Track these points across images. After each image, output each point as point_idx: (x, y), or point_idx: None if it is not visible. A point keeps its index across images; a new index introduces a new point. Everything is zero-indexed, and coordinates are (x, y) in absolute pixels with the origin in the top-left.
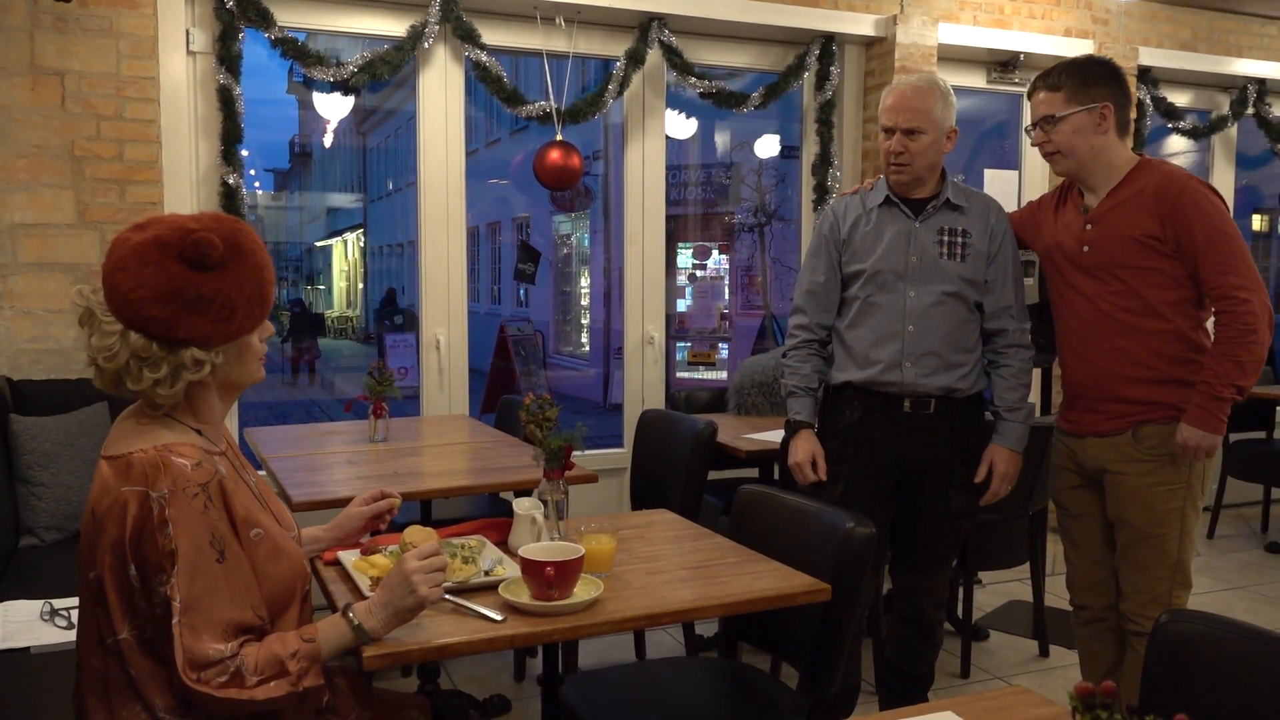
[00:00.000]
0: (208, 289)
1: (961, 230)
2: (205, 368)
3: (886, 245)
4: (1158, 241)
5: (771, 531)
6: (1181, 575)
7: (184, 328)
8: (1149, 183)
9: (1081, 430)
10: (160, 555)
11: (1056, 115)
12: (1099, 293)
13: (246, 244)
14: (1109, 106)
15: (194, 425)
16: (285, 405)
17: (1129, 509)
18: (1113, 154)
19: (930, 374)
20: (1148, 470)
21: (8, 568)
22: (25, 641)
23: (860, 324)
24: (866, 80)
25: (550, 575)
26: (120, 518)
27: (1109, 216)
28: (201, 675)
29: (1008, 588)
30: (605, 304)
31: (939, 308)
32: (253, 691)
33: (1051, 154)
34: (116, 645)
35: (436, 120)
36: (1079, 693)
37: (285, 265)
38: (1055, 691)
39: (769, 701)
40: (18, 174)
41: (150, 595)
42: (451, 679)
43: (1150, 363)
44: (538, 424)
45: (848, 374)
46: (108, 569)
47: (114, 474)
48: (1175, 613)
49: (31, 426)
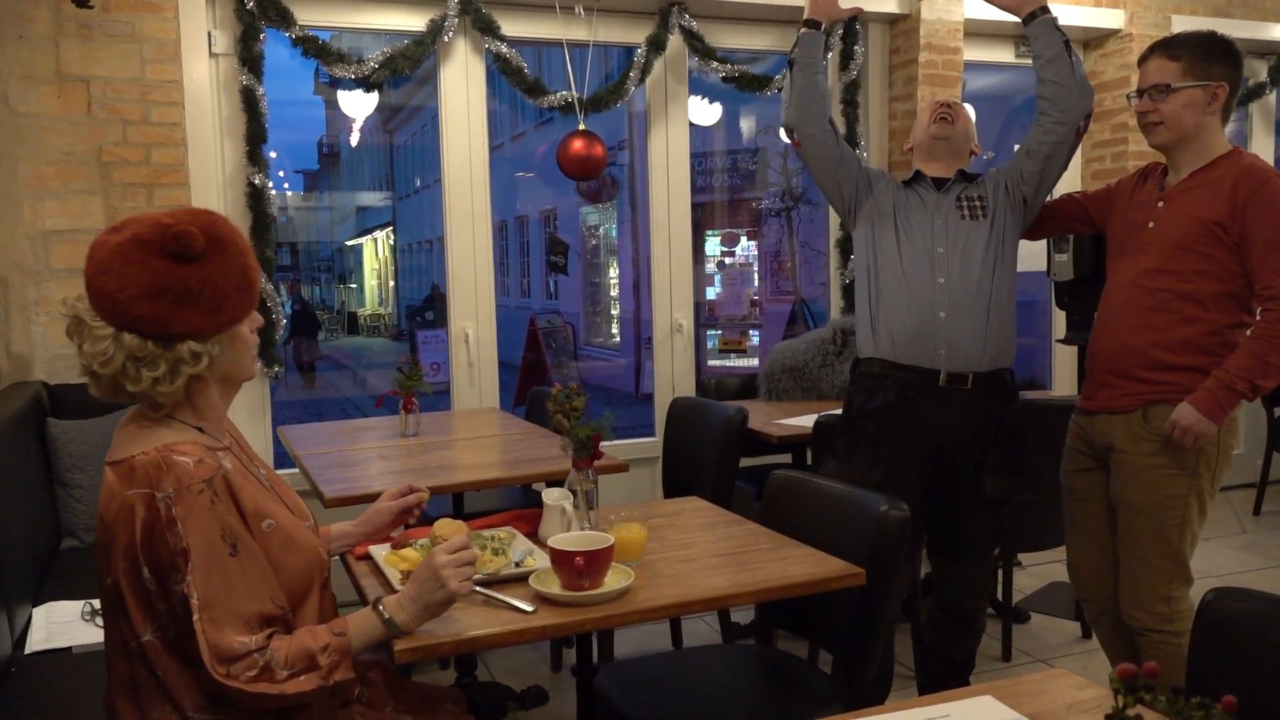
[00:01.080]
0: (195, 281)
1: (977, 195)
2: (203, 360)
3: (914, 211)
4: (1223, 230)
5: (804, 516)
6: (1180, 568)
7: (177, 322)
8: (1230, 171)
9: (1095, 406)
10: (173, 555)
11: (1172, 85)
12: (1148, 269)
13: (225, 233)
14: (1223, 87)
15: (194, 423)
16: (319, 403)
17: (1129, 488)
18: (1210, 137)
19: (965, 360)
20: (1153, 450)
21: (50, 569)
22: (67, 641)
23: (891, 309)
24: (891, 58)
25: (580, 565)
26: (129, 522)
27: (1183, 197)
28: (230, 670)
29: (1049, 569)
30: (635, 294)
31: (970, 289)
32: (283, 686)
33: (1154, 124)
34: (140, 648)
35: (459, 114)
36: (1121, 675)
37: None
38: (1098, 674)
39: (805, 687)
40: (48, 181)
41: (168, 596)
42: (489, 670)
43: (1176, 348)
44: (565, 414)
45: (880, 354)
46: (122, 574)
47: (118, 479)
48: (1222, 590)
49: (69, 430)
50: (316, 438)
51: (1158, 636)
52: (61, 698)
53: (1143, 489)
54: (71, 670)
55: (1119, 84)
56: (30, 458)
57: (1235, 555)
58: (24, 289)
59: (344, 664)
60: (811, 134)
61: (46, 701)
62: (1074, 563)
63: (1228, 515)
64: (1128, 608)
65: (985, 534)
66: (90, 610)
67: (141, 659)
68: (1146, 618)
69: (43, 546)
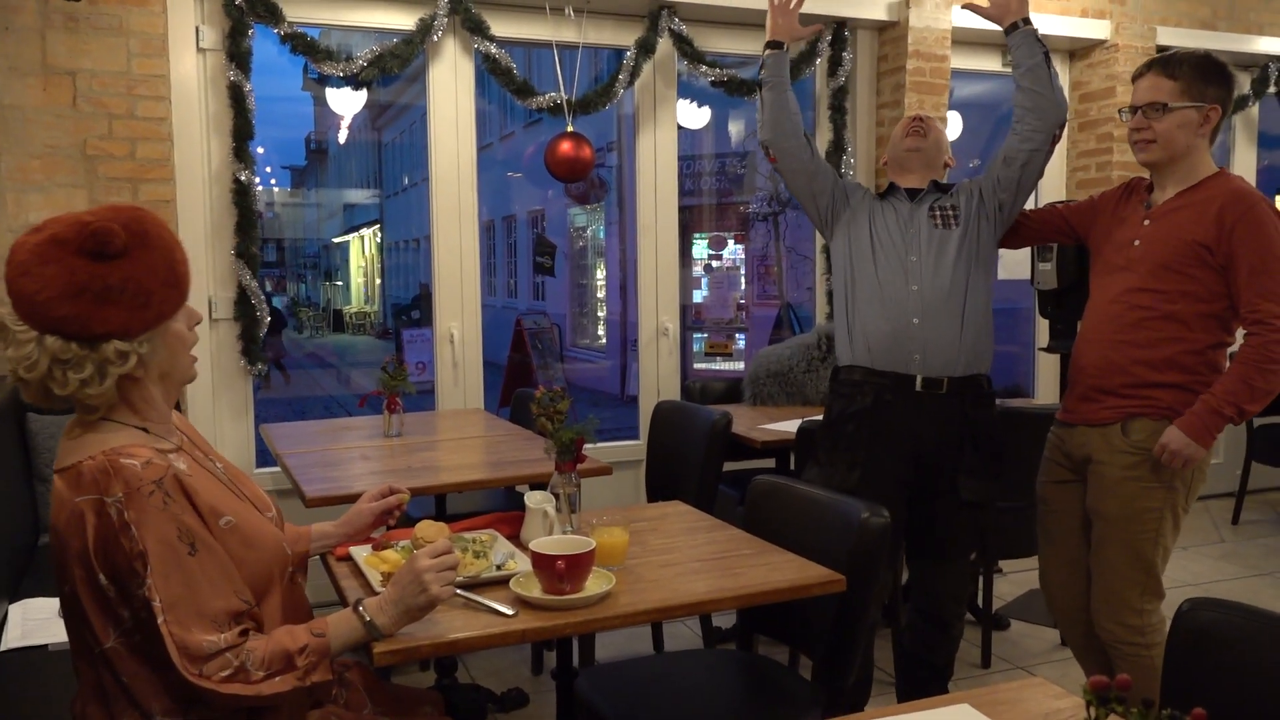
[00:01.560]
0: (115, 278)
1: (950, 205)
2: (131, 359)
3: (887, 223)
4: (1209, 252)
5: (787, 522)
6: (1153, 582)
7: (99, 321)
8: (1218, 193)
9: (1075, 419)
10: (130, 560)
11: (1169, 105)
12: (1133, 289)
13: (151, 228)
14: (1216, 110)
15: (137, 424)
16: (302, 401)
17: (1105, 500)
18: (1198, 157)
19: (940, 366)
20: (1131, 464)
21: (28, 566)
22: (44, 639)
23: (865, 311)
24: (879, 65)
25: (561, 569)
26: (80, 529)
27: (1169, 217)
28: (203, 669)
29: (1029, 577)
30: (621, 296)
31: (942, 288)
32: (258, 687)
33: (1147, 142)
34: (104, 655)
35: (447, 113)
36: (1093, 686)
37: (303, 262)
38: (1077, 682)
39: (785, 693)
40: (32, 174)
41: (129, 601)
42: (470, 673)
43: (1158, 365)
44: (549, 417)
45: (857, 360)
46: (79, 582)
47: (66, 486)
48: (1197, 601)
49: (48, 425)
50: (299, 436)
51: (1129, 649)
52: (37, 695)
53: (1118, 500)
54: (47, 667)
55: (1104, 94)
56: (9, 453)
57: (1213, 564)
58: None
59: (322, 665)
60: (786, 149)
61: (22, 698)
62: (1046, 573)
63: (1206, 524)
64: (1100, 620)
65: (963, 537)
66: None
67: (106, 665)
68: (1119, 630)
69: (20, 542)
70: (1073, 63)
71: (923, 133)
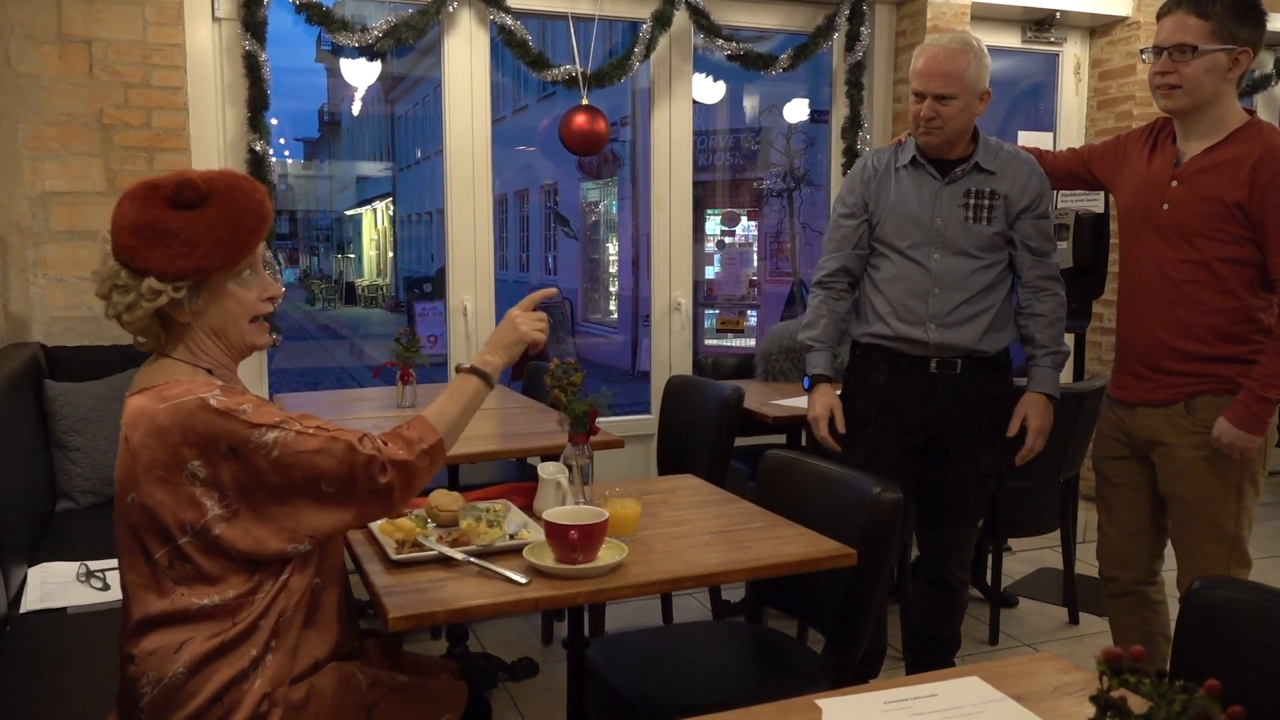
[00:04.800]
0: (174, 224)
1: (989, 192)
2: (162, 298)
3: (912, 207)
4: (1242, 213)
5: (798, 497)
6: (1239, 554)
7: (143, 257)
8: (1251, 151)
9: (1132, 399)
10: (237, 425)
11: (1198, 47)
12: (1169, 258)
13: (236, 194)
14: (1247, 53)
15: (203, 365)
16: (315, 372)
17: (1180, 483)
18: (1226, 105)
19: (955, 337)
20: (1199, 443)
21: (45, 531)
22: (62, 602)
23: (885, 283)
24: (897, 41)
25: (574, 539)
26: (182, 419)
27: (1198, 179)
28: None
29: (1038, 555)
30: (633, 271)
31: (963, 270)
32: (406, 455)
33: (1172, 87)
34: (179, 549)
35: (462, 85)
36: (1106, 657)
37: (316, 234)
38: (1085, 659)
39: (794, 664)
40: (48, 142)
41: (241, 460)
42: (480, 642)
43: (1208, 339)
44: (562, 389)
45: (873, 329)
46: (158, 483)
47: (150, 399)
48: (1209, 579)
49: (66, 392)
50: (312, 406)
51: None
52: (56, 657)
53: (1194, 483)
54: (66, 631)
55: (1125, 71)
56: (27, 419)
57: None
58: (23, 250)
59: (429, 431)
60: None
61: (41, 661)
62: (1103, 545)
63: None
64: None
65: (975, 503)
66: (85, 572)
67: (180, 559)
68: None
69: (38, 508)
70: (1093, 40)
71: (934, 129)
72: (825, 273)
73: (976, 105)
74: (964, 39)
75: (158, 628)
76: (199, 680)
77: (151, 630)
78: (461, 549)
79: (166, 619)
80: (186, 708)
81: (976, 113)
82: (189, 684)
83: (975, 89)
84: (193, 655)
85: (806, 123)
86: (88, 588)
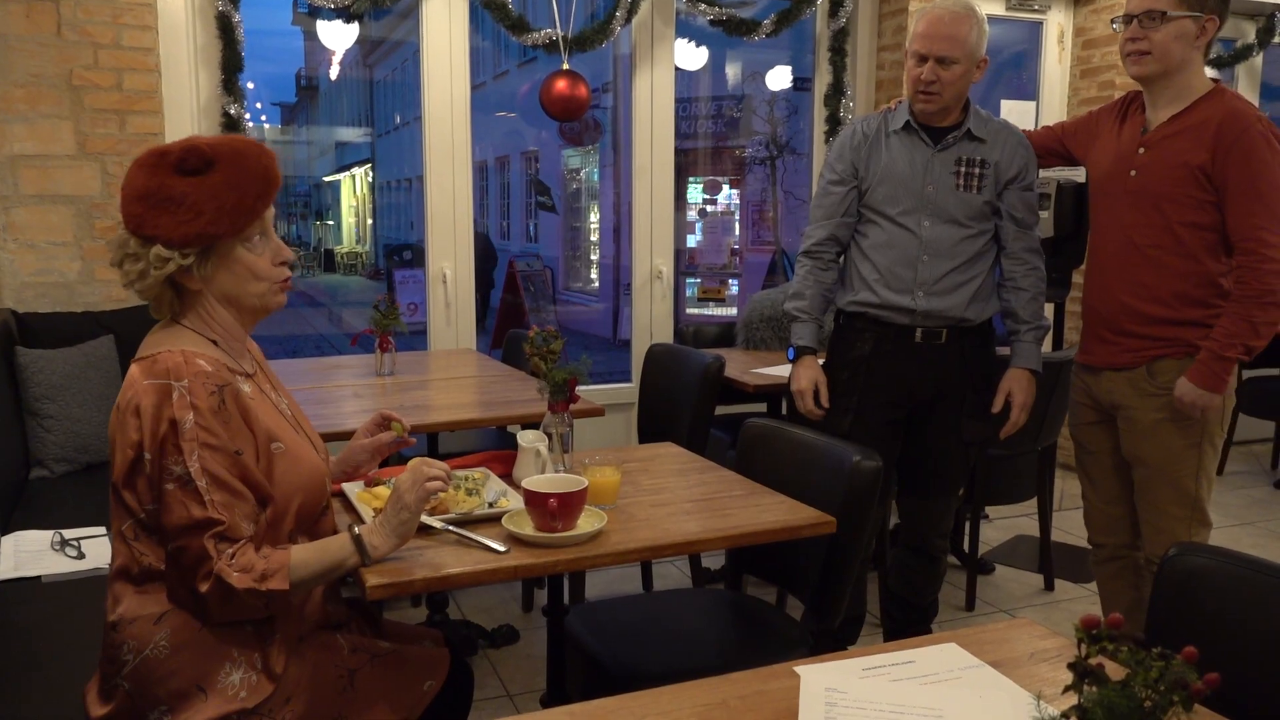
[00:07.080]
0: (179, 190)
1: (980, 161)
2: (170, 264)
3: (904, 173)
4: (1205, 176)
5: (778, 465)
6: (1200, 514)
7: (150, 224)
8: (1213, 115)
9: (1096, 363)
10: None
11: (1168, 14)
12: (1135, 223)
13: (242, 160)
14: (1214, 21)
15: (210, 336)
16: (294, 340)
17: (1142, 446)
18: (1192, 73)
19: (942, 304)
20: (1161, 405)
21: (19, 499)
22: (36, 571)
23: (874, 249)
24: (881, 7)
25: (553, 507)
26: (142, 408)
27: (1164, 144)
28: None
29: (1015, 523)
30: (615, 239)
31: (952, 238)
32: (228, 573)
33: (1141, 54)
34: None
35: (441, 49)
36: (1084, 624)
37: (294, 201)
38: (1060, 624)
39: (773, 631)
40: (16, 104)
41: (161, 478)
42: (461, 609)
43: (1171, 302)
44: (542, 357)
45: (859, 296)
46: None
47: (140, 371)
48: (1184, 546)
49: (38, 359)
50: (290, 374)
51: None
52: (31, 626)
53: (1156, 445)
54: (40, 599)
55: (1108, 40)
56: None
57: None
58: None
59: (280, 574)
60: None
61: (16, 630)
62: (1088, 511)
63: None
64: (1154, 557)
65: (956, 472)
66: (60, 540)
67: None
68: None
69: (11, 476)
70: (1076, 8)
71: (933, 94)
72: (813, 241)
73: (974, 72)
74: (966, 4)
75: (129, 582)
76: (179, 659)
77: (124, 582)
78: (440, 517)
79: (138, 576)
80: (167, 683)
81: (973, 79)
82: (170, 659)
83: (975, 55)
84: (174, 629)
85: (789, 90)
86: (62, 556)
